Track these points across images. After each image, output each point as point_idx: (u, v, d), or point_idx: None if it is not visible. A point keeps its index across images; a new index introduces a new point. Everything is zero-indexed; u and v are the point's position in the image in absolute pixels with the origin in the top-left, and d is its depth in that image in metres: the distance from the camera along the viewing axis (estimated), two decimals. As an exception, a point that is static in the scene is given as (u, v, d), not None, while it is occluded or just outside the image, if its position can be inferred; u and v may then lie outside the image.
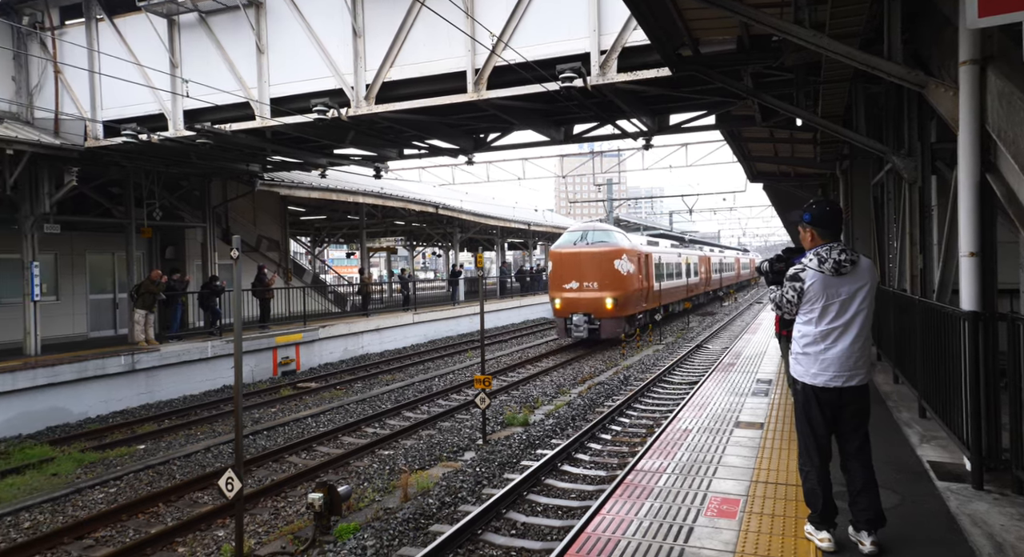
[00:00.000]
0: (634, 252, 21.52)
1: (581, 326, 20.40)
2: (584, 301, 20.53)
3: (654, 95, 11.24)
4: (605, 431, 10.96)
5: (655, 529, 4.36)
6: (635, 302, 21.59)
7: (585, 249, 21.06)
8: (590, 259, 20.76)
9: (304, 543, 6.79)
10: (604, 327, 20.37)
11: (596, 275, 20.56)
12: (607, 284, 20.38)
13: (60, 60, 13.26)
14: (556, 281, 21.30)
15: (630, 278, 20.88)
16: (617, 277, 20.50)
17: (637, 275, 21.47)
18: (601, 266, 20.52)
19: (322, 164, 17.15)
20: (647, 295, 23.10)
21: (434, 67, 10.53)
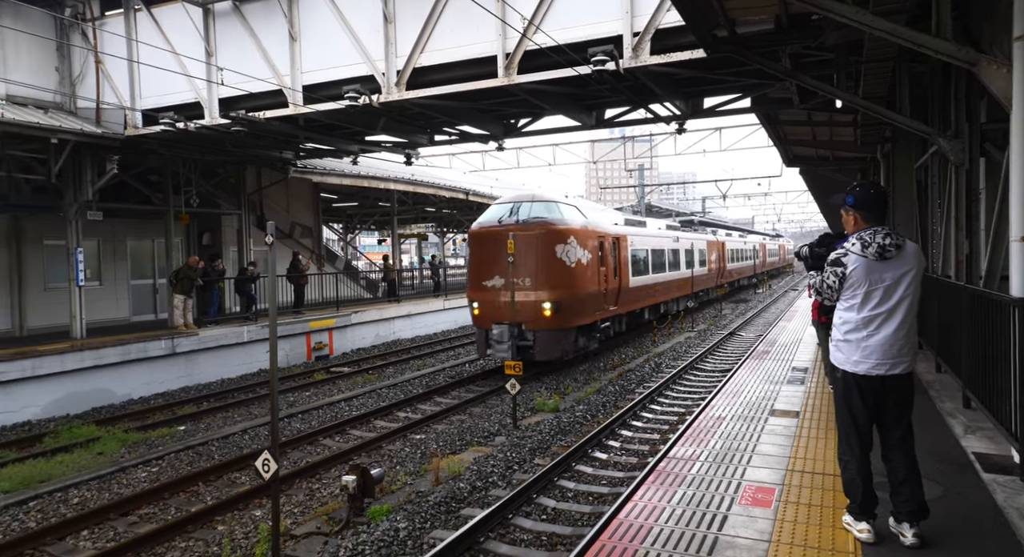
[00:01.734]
0: (591, 234, 15.00)
1: (504, 342, 13.72)
2: (510, 305, 13.89)
3: (688, 77, 11.03)
4: (636, 418, 10.90)
5: (688, 517, 4.32)
6: (592, 305, 15.09)
7: (514, 228, 14.05)
8: (520, 243, 13.95)
9: (338, 524, 6.91)
10: (540, 344, 13.73)
11: (528, 267, 13.87)
12: (544, 280, 13.73)
13: (100, 50, 13.53)
14: (475, 275, 14.70)
15: (582, 271, 14.38)
16: (560, 270, 13.87)
17: (595, 267, 15.04)
18: (536, 253, 13.83)
19: (354, 151, 17.27)
20: (616, 294, 16.67)
21: (464, 52, 10.47)
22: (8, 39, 12.88)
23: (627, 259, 17.62)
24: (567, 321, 14.13)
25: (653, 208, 41.45)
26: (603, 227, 16.14)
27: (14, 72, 12.86)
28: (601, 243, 15.68)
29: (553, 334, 13.94)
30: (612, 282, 16.36)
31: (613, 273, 16.41)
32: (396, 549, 6.16)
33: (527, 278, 13.82)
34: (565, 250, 13.98)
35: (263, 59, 11.93)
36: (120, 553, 6.39)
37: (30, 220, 15.50)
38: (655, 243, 21.02)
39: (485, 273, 14.34)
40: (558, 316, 13.78)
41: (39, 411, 11.98)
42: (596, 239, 15.29)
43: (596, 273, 15.16)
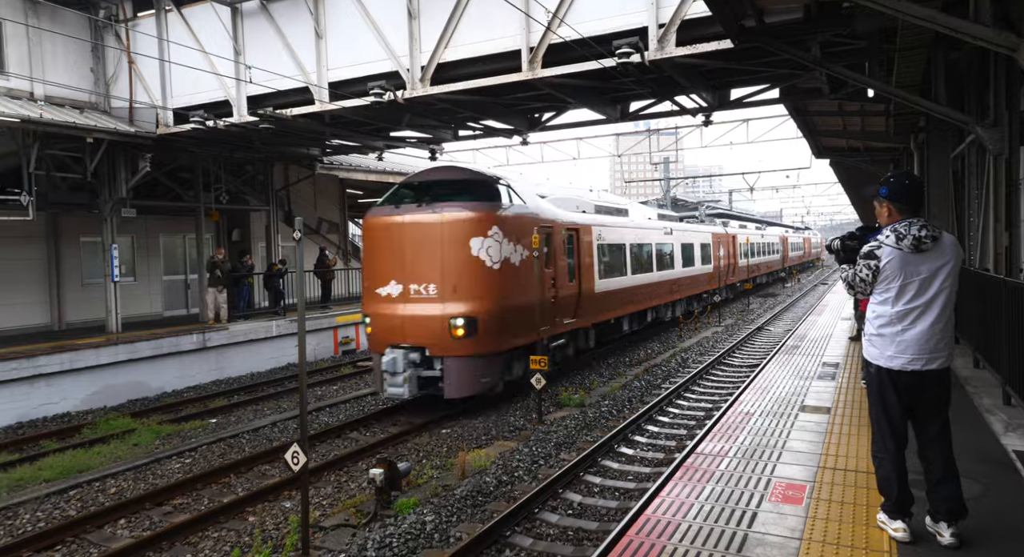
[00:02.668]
0: (529, 223, 11.33)
1: (397, 373, 10.34)
2: (412, 321, 10.52)
3: (714, 69, 10.87)
4: (662, 413, 10.83)
5: (716, 513, 4.28)
6: (533, 320, 11.38)
7: (419, 216, 10.66)
8: (420, 236, 10.59)
9: (366, 516, 6.98)
10: (450, 376, 10.42)
11: (431, 269, 10.49)
12: (454, 287, 10.38)
13: (133, 50, 13.79)
14: (368, 279, 11.27)
15: (513, 274, 10.87)
16: (478, 273, 10.44)
17: (536, 268, 11.32)
18: (442, 250, 10.44)
19: (379, 147, 17.37)
20: (576, 303, 13.13)
21: (488, 47, 10.44)
22: (46, 41, 13.19)
23: (592, 257, 14.03)
24: (491, 343, 10.51)
25: (678, 201, 41.03)
26: (551, 215, 12.42)
27: (51, 73, 13.17)
28: (548, 236, 12.00)
29: (469, 362, 10.34)
30: (567, 287, 12.67)
31: (569, 276, 12.78)
32: (423, 542, 6.20)
33: (429, 284, 10.27)
34: (486, 245, 10.34)
35: (290, 57, 12.04)
36: (156, 542, 6.54)
37: (67, 218, 15.89)
38: (636, 237, 17.07)
39: (379, 277, 10.77)
40: (476, 336, 10.23)
41: (78, 403, 12.31)
42: (540, 231, 11.45)
43: (538, 276, 11.29)
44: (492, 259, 10.50)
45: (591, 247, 14.08)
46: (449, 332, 10.28)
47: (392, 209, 11.04)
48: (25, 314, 15.29)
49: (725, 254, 27.18)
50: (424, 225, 10.55)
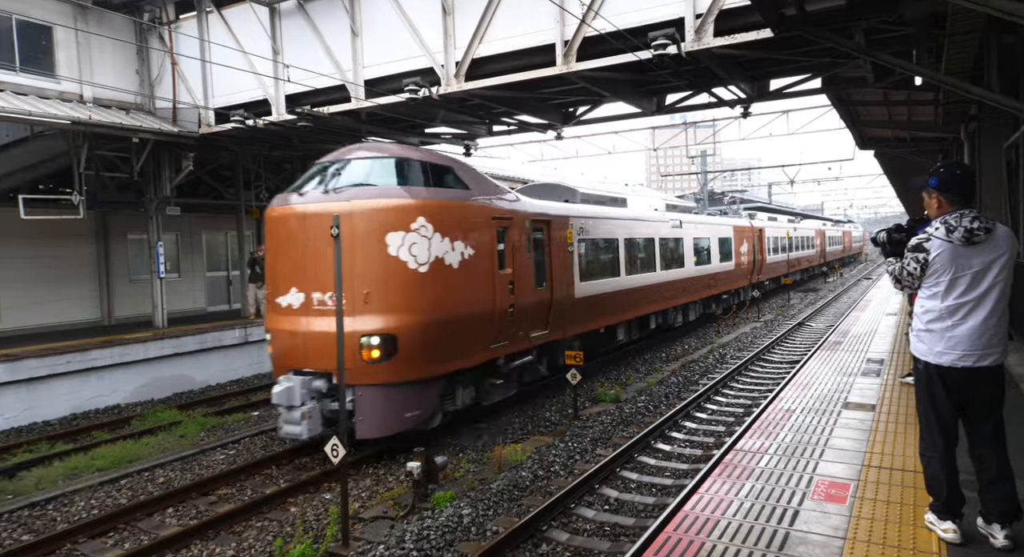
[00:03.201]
0: (474, 213, 9.28)
1: (297, 404, 8.17)
2: (315, 340, 8.35)
3: (753, 59, 10.65)
4: (700, 409, 10.70)
5: (757, 510, 4.21)
6: (481, 335, 9.33)
7: (323, 205, 8.50)
8: (323, 230, 7.95)
9: (404, 509, 7.07)
10: (364, 408, 8.24)
11: (346, 273, 7.60)
12: (368, 297, 8.23)
13: (176, 52, 14.16)
14: (271, 286, 9.09)
15: (448, 277, 8.72)
16: (399, 277, 8.34)
17: (482, 269, 9.29)
18: (354, 249, 8.17)
19: (414, 143, 17.49)
20: (547, 312, 10.93)
21: (522, 41, 10.42)
22: (94, 45, 13.63)
23: (571, 255, 11.76)
24: (417, 366, 8.35)
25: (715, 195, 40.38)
26: (510, 205, 10.06)
27: (99, 76, 13.60)
28: (503, 230, 9.70)
29: (388, 392, 8.19)
30: (532, 293, 10.38)
31: (536, 278, 10.57)
32: (460, 535, 6.25)
33: (334, 292, 7.13)
34: (408, 242, 8.16)
35: (326, 55, 12.21)
36: (202, 530, 6.73)
37: (115, 216, 16.42)
38: (633, 230, 14.48)
39: (279, 284, 8.64)
40: (396, 359, 8.08)
41: (127, 395, 12.74)
42: (489, 223, 9.29)
43: (486, 280, 9.13)
44: (417, 260, 8.25)
45: (569, 243, 11.80)
46: (360, 354, 7.95)
47: (295, 197, 8.68)
48: (76, 309, 15.87)
49: (750, 250, 24.35)
50: (328, 216, 7.48)
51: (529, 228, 10.49)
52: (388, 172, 8.80)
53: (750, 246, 24.49)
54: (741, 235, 23.54)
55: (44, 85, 12.95)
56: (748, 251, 24.19)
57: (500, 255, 9.64)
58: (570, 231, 11.89)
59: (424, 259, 8.38)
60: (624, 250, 14.09)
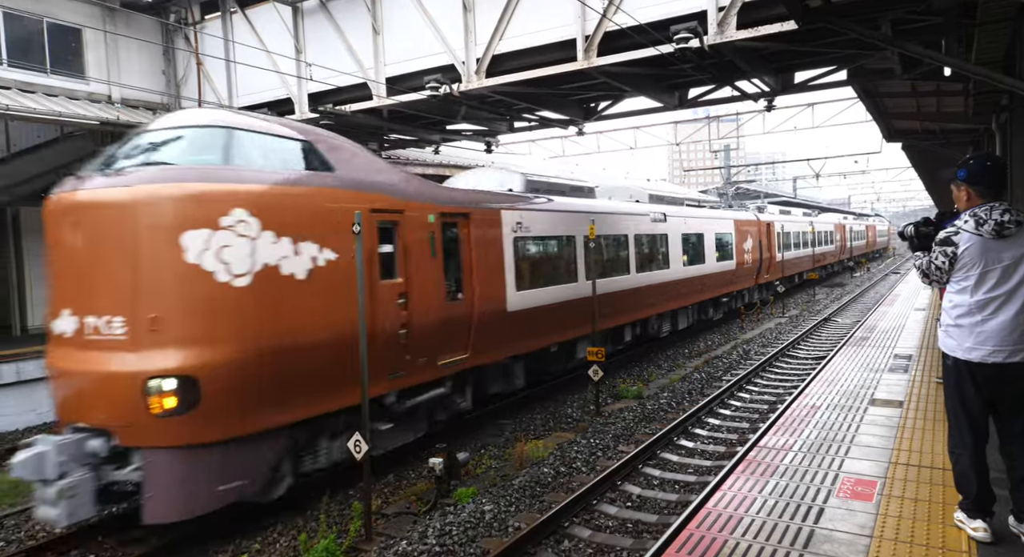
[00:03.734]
0: (335, 202, 6.92)
1: (52, 478, 5.56)
2: (87, 382, 5.97)
3: (777, 51, 10.50)
4: (724, 406, 10.61)
5: (781, 508, 4.17)
6: (334, 370, 6.77)
7: (100, 192, 6.03)
8: (108, 228, 5.89)
9: (427, 505, 7.12)
10: (155, 481, 5.75)
11: (121, 287, 5.83)
12: (155, 322, 5.74)
13: (201, 52, 14.37)
14: (50, 304, 6.34)
15: (285, 294, 6.35)
16: (201, 294, 5.92)
17: (333, 282, 6.78)
18: (138, 253, 5.82)
19: (435, 140, 17.55)
20: (467, 330, 8.88)
21: (543, 37, 10.39)
22: (122, 46, 13.88)
23: (504, 258, 9.59)
24: (237, 419, 6.10)
25: (739, 190, 39.93)
26: (403, 191, 7.85)
27: (127, 77, 13.85)
28: (391, 227, 7.55)
29: (194, 456, 5.93)
30: (439, 308, 8.17)
31: (447, 288, 8.43)
32: (482, 530, 6.28)
33: (113, 316, 5.78)
34: (216, 244, 5.94)
35: (348, 53, 12.29)
36: (228, 523, 6.84)
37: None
38: (597, 227, 11.54)
39: (56, 301, 6.26)
40: (199, 409, 5.84)
41: None
42: (366, 217, 6.86)
43: (364, 294, 6.52)
44: (232, 269, 5.94)
45: (500, 242, 9.54)
46: (146, 403, 5.64)
47: (75, 182, 6.28)
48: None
49: (755, 246, 21.93)
50: (104, 208, 5.88)
51: (436, 223, 8.20)
52: (206, 145, 6.44)
53: (755, 243, 22.09)
54: (745, 230, 21.21)
55: (73, 86, 13.22)
56: (753, 248, 21.80)
57: (386, 260, 7.38)
58: (502, 227, 9.65)
59: (243, 268, 6.00)
60: (584, 250, 11.74)
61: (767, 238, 23.57)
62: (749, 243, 21.39)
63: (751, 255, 21.42)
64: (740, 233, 20.65)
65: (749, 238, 21.48)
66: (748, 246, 21.28)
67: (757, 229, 22.55)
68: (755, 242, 22.00)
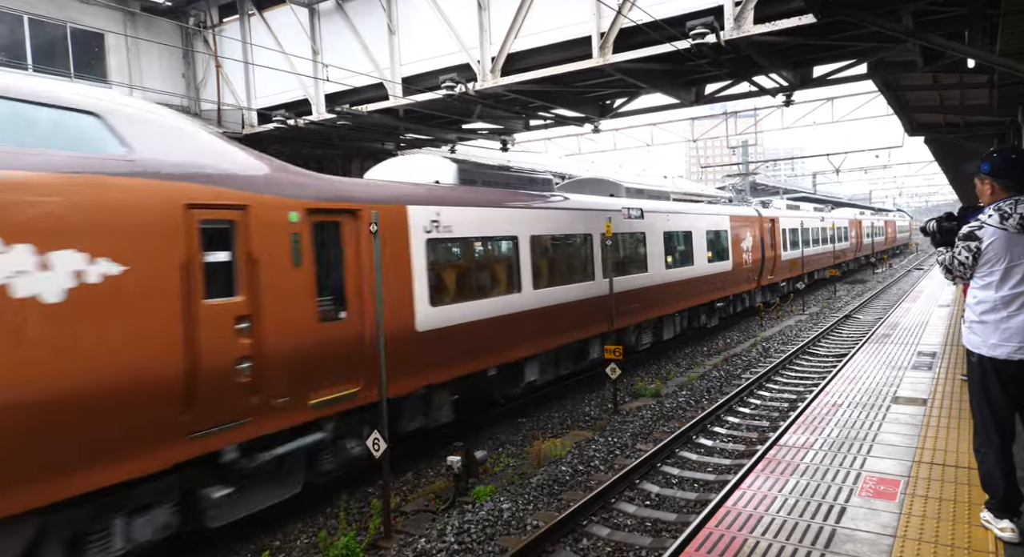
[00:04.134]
0: (133, 196, 5.14)
1: None
2: None
3: (795, 46, 10.37)
4: (743, 404, 10.52)
5: (801, 507, 4.13)
6: (115, 426, 4.95)
7: None
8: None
9: (445, 502, 7.15)
10: None
11: None
12: None
13: (220, 55, 14.53)
14: None
15: (8, 326, 4.37)
16: None
17: (106, 309, 4.86)
18: None
19: (451, 140, 17.60)
20: (344, 358, 6.85)
21: (558, 35, 10.36)
22: (143, 50, 14.08)
23: (411, 265, 7.88)
24: None
25: (758, 186, 39.56)
26: (234, 181, 6.04)
27: (148, 80, 14.05)
28: (225, 229, 5.92)
29: None
30: (309, 331, 6.47)
31: (321, 306, 6.69)
32: (500, 529, 6.29)
33: None
34: None
35: (364, 54, 12.36)
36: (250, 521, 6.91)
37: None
38: (547, 225, 10.46)
39: None
40: None
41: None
42: (173, 217, 5.43)
43: (161, 319, 5.23)
44: None
45: (406, 246, 7.78)
46: None
47: None
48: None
49: (755, 245, 19.87)
50: None
51: (303, 223, 6.45)
52: None
53: (756, 241, 20.00)
54: (743, 227, 19.17)
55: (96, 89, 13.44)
56: (753, 247, 19.67)
57: (211, 271, 5.64)
58: (408, 227, 7.87)
59: None
60: (530, 253, 10.01)
61: (772, 235, 21.75)
62: (749, 242, 19.45)
63: (752, 254, 19.50)
64: (738, 230, 18.74)
65: (749, 236, 19.55)
66: (747, 244, 19.29)
67: (759, 226, 20.56)
68: (755, 240, 20.01)
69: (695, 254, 15.88)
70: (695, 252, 15.90)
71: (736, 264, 18.30)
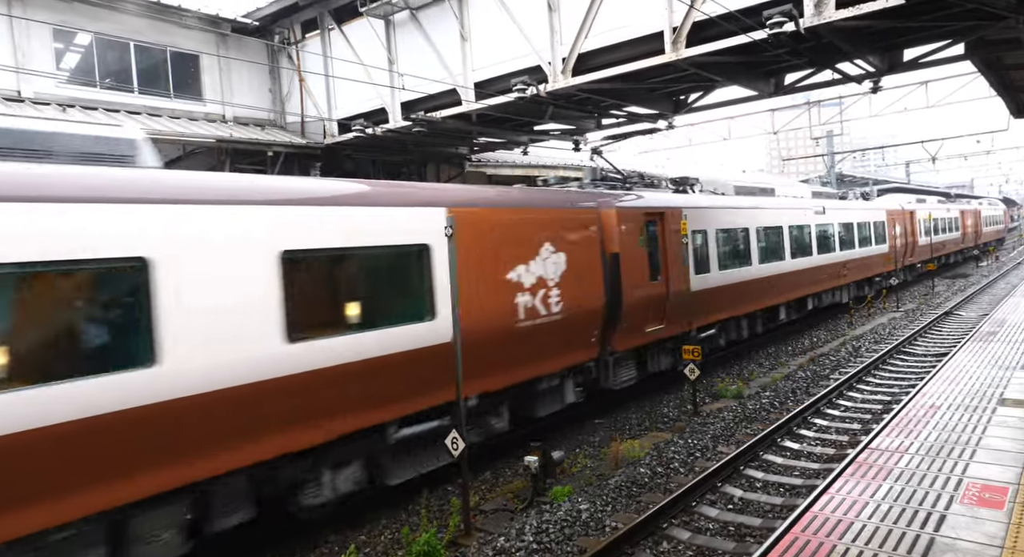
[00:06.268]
0: None
1: None
2: None
3: (882, 29, 9.85)
4: (832, 406, 10.07)
5: (896, 514, 3.93)
6: None
7: None
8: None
9: (523, 502, 7.21)
10: None
11: None
12: None
13: (303, 69, 15.23)
14: None
15: None
16: None
17: None
18: None
19: (523, 142, 17.71)
20: None
21: (629, 32, 10.26)
22: (233, 68, 14.95)
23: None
24: None
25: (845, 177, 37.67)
26: None
27: (238, 96, 14.90)
28: None
29: None
30: None
31: None
32: (579, 529, 6.29)
33: None
34: None
35: (438, 61, 12.65)
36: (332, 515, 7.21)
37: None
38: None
39: None
40: None
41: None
42: None
43: None
44: None
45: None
46: None
47: None
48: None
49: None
50: None
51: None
52: None
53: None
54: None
55: (192, 108, 14.35)
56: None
57: None
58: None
59: None
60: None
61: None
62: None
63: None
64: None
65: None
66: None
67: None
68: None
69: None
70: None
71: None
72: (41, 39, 12.09)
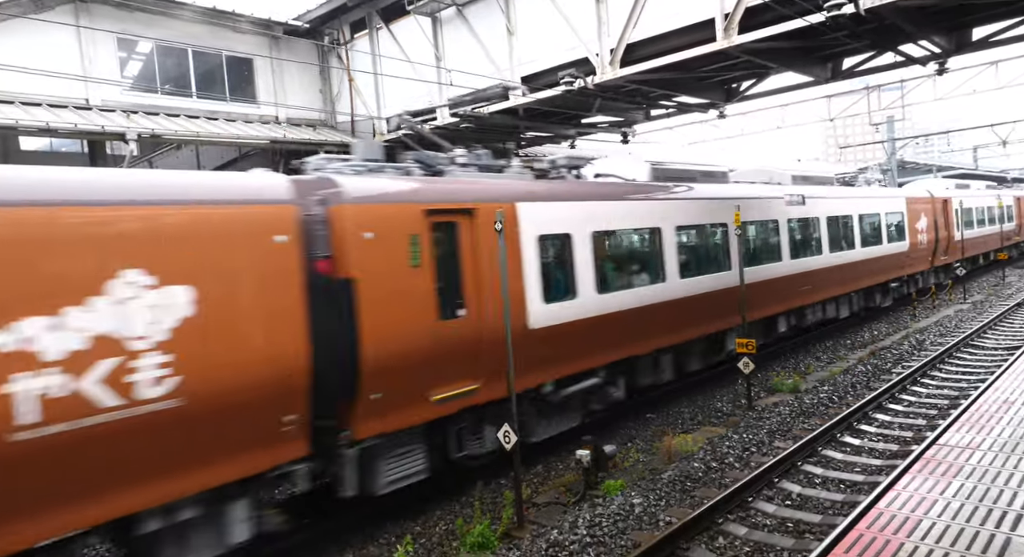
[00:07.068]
0: None
1: None
2: None
3: (948, 8, 9.40)
4: (894, 401, 9.72)
5: (968, 512, 3.77)
6: None
7: None
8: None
9: (575, 496, 7.20)
10: None
11: None
12: None
13: (352, 69, 15.50)
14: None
15: None
16: None
17: None
18: None
19: (571, 135, 17.61)
20: None
21: (678, 20, 10.07)
22: (285, 70, 15.34)
23: None
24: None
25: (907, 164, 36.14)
26: None
27: (290, 97, 15.28)
28: None
29: None
30: None
31: None
32: (632, 523, 6.26)
33: None
34: None
35: (484, 56, 12.69)
36: (396, 507, 7.35)
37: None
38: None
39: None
40: None
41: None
42: None
43: None
44: None
45: None
46: None
47: None
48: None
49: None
50: None
51: None
52: None
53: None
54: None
55: (247, 110, 14.79)
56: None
57: None
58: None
59: None
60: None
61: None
62: None
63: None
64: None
65: None
66: None
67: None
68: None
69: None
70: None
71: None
72: (106, 48, 12.65)
